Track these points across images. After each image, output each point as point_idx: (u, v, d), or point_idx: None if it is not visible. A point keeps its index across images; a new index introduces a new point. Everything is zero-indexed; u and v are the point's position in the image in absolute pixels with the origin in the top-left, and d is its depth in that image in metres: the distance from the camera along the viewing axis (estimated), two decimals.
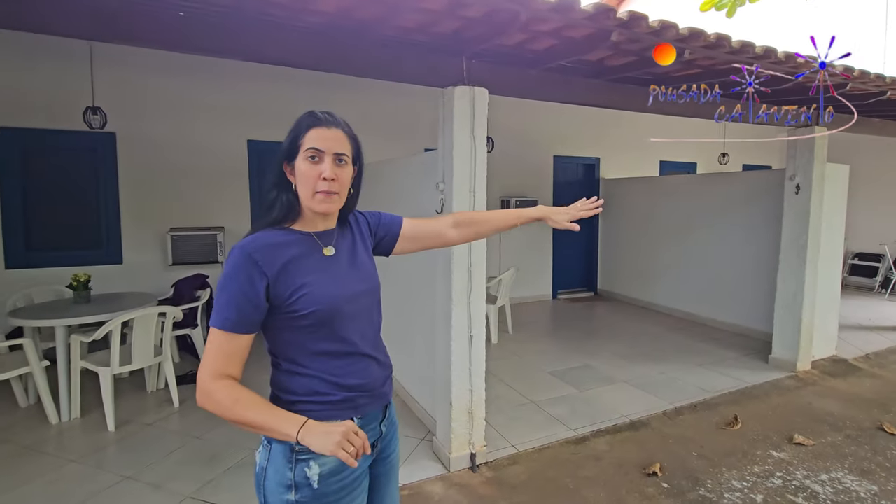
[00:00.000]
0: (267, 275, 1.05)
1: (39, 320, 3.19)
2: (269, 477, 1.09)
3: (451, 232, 1.44)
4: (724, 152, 7.44)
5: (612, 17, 2.02)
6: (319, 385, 1.12)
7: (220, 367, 1.03)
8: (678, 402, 3.57)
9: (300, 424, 0.98)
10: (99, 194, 4.70)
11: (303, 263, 1.10)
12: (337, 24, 2.19)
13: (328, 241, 1.18)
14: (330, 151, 1.10)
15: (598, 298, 7.21)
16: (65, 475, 2.64)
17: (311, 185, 1.10)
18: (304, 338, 1.11)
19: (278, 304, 1.07)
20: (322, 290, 1.11)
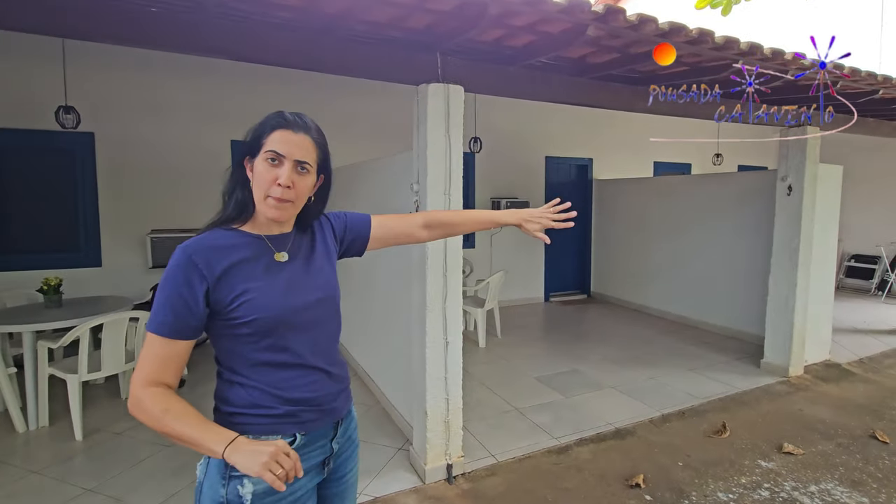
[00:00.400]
0: (207, 278, 0.99)
1: (3, 325, 3.08)
2: (205, 493, 1.04)
3: (422, 232, 1.41)
4: (717, 153, 7.36)
5: (587, 11, 1.92)
6: (261, 397, 1.05)
7: (153, 374, 0.97)
8: (666, 408, 3.48)
9: (228, 441, 0.92)
10: (77, 196, 4.59)
11: (248, 268, 1.04)
12: (304, 20, 2.09)
13: (282, 246, 1.11)
14: (291, 157, 1.04)
15: (591, 301, 7.12)
16: (24, 488, 2.54)
17: (265, 188, 1.04)
18: (245, 347, 1.04)
19: (218, 309, 1.01)
20: (267, 297, 1.04)
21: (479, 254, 6.43)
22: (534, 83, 2.73)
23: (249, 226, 1.09)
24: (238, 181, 1.09)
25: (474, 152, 6.03)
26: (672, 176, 7.21)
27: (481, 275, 5.92)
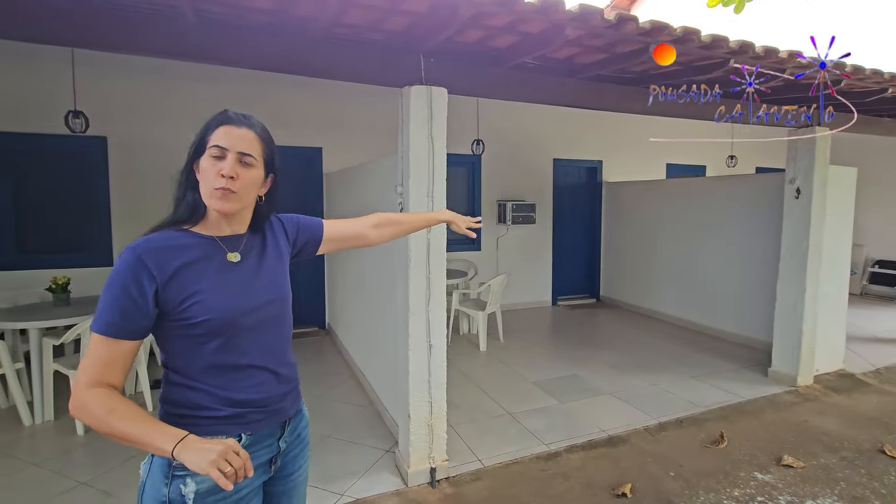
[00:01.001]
0: (157, 278, 0.99)
1: (11, 322, 3.21)
2: (147, 492, 1.04)
3: (371, 233, 1.47)
4: (731, 154, 7.15)
5: (562, 10, 1.89)
6: (205, 399, 1.06)
7: (97, 376, 0.96)
8: (663, 416, 3.38)
9: (178, 439, 0.90)
10: (90, 197, 4.75)
11: (199, 268, 1.05)
12: (280, 23, 2.12)
13: (234, 247, 1.12)
14: (234, 149, 1.06)
15: (600, 305, 7.00)
16: (22, 479, 2.63)
17: (211, 182, 1.05)
18: (194, 348, 1.04)
19: (168, 310, 1.01)
20: (218, 298, 1.04)
21: (484, 257, 6.40)
22: (522, 84, 2.70)
23: (201, 227, 1.10)
24: (189, 184, 1.10)
25: (477, 154, 6.00)
26: (683, 178, 7.03)
27: (486, 277, 5.88)
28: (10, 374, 3.22)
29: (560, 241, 6.90)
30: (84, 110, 4.17)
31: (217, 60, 2.24)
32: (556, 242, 6.87)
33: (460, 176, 6.26)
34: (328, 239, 1.37)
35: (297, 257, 1.32)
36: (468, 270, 5.69)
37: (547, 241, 6.84)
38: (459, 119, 5.51)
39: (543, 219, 6.72)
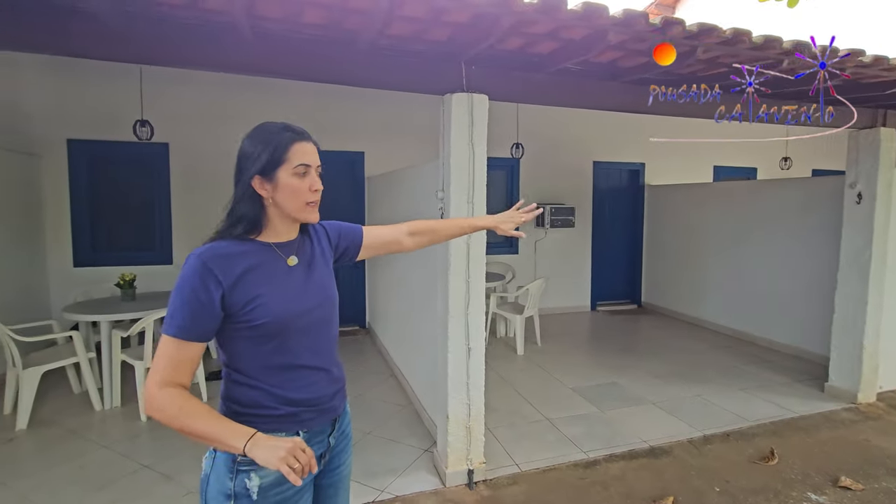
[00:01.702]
0: (223, 283, 1.04)
1: (85, 315, 3.51)
2: (211, 484, 1.10)
3: (407, 240, 1.50)
4: (785, 156, 6.78)
5: (605, 16, 1.89)
6: (264, 398, 1.12)
7: (168, 376, 1.01)
8: (709, 429, 3.27)
9: (248, 437, 0.96)
10: (154, 200, 5.11)
11: (259, 273, 1.10)
12: (329, 36, 2.22)
13: (289, 252, 1.18)
14: (314, 164, 1.15)
15: (642, 311, 6.81)
16: (94, 460, 2.87)
17: (304, 198, 1.13)
18: (254, 349, 1.10)
19: (232, 313, 1.06)
20: (277, 301, 1.10)
21: (522, 260, 6.37)
22: (563, 89, 2.70)
23: (256, 235, 1.15)
24: (248, 200, 1.12)
25: (517, 158, 5.99)
26: (732, 181, 6.74)
27: (524, 281, 5.86)
28: (83, 362, 3.52)
29: (600, 245, 6.77)
30: (150, 119, 4.50)
31: (271, 73, 2.38)
32: (595, 246, 6.75)
33: (499, 179, 6.27)
34: (367, 245, 1.41)
35: (337, 262, 1.38)
36: (506, 274, 5.69)
37: (586, 245, 6.73)
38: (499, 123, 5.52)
39: (583, 222, 6.62)
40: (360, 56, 2.36)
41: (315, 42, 2.30)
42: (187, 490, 2.58)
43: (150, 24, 2.07)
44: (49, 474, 2.70)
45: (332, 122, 5.47)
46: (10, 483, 2.60)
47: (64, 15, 1.96)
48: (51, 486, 2.58)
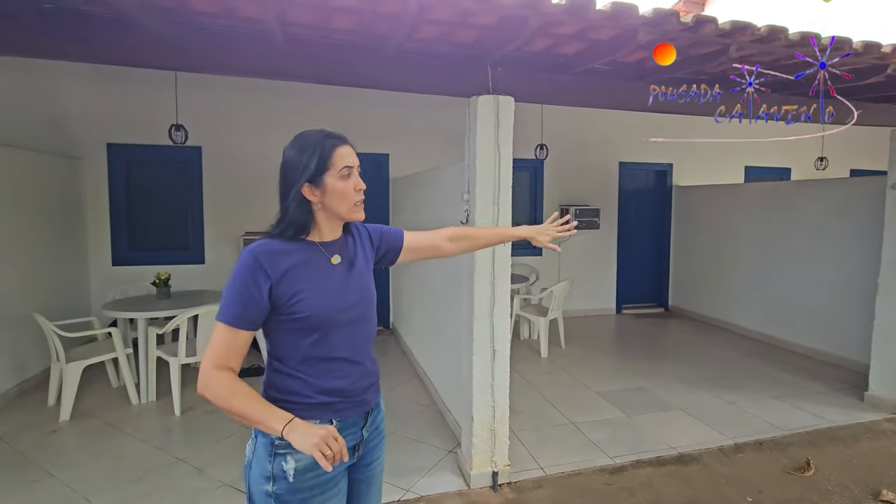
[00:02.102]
0: (271, 277, 1.12)
1: (123, 312, 3.65)
2: (253, 468, 1.18)
3: (447, 245, 1.53)
4: (821, 156, 6.53)
5: (635, 16, 1.87)
6: (301, 386, 1.18)
7: (220, 359, 1.10)
8: (740, 437, 3.18)
9: (287, 421, 1.03)
10: (187, 201, 5.28)
11: (304, 270, 1.17)
12: (358, 41, 2.26)
13: (333, 251, 1.25)
14: (356, 165, 1.22)
15: (669, 315, 6.66)
16: (131, 452, 2.99)
17: (352, 198, 1.20)
18: (295, 340, 1.17)
19: (278, 305, 1.13)
20: (319, 296, 1.17)
21: (546, 262, 6.32)
22: (590, 90, 2.68)
23: (311, 234, 1.22)
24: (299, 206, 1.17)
25: (541, 159, 5.95)
26: (764, 182, 6.53)
27: (548, 283, 5.81)
28: (121, 357, 3.66)
29: (626, 246, 6.66)
30: (184, 124, 4.65)
31: (301, 78, 2.44)
32: (621, 248, 6.64)
33: (523, 180, 6.24)
34: (407, 248, 1.45)
35: (378, 264, 1.42)
36: (529, 276, 5.65)
37: (611, 246, 6.63)
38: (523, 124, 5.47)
39: (608, 224, 6.53)
40: (387, 60, 2.39)
41: (344, 47, 2.35)
42: (219, 483, 2.66)
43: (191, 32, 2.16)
44: (90, 465, 2.82)
45: (358, 125, 5.54)
46: (54, 473, 2.73)
47: (120, 28, 2.06)
48: (91, 477, 2.70)
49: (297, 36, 2.24)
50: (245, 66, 2.34)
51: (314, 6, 1.94)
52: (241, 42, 2.27)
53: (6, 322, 3.68)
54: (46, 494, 2.53)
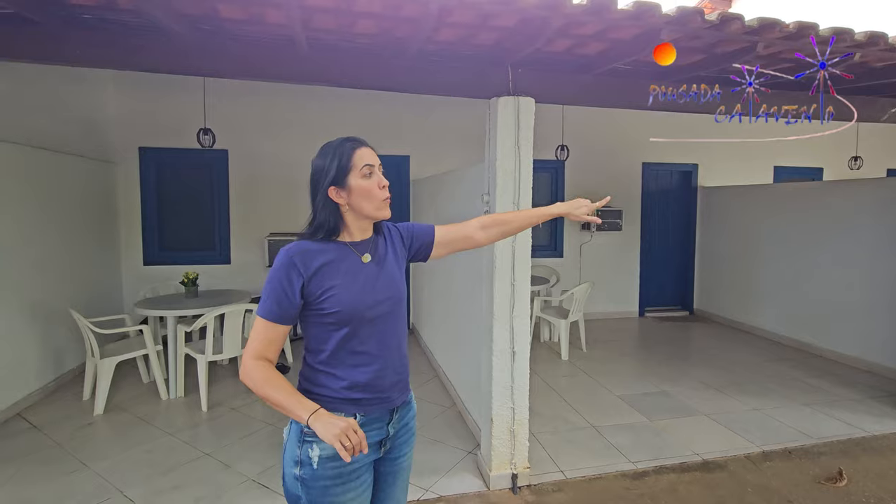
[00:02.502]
0: (303, 275, 1.19)
1: (153, 310, 3.78)
2: (286, 451, 1.25)
3: (479, 234, 1.51)
4: (855, 156, 6.30)
5: (657, 15, 1.84)
6: (329, 380, 1.24)
7: (259, 351, 1.19)
8: (769, 445, 3.09)
9: (312, 411, 1.11)
10: (214, 203, 5.43)
11: (335, 267, 1.23)
12: (380, 44, 2.30)
13: (364, 250, 1.29)
14: (377, 164, 1.26)
15: (693, 318, 6.51)
16: (160, 446, 3.09)
17: (377, 196, 1.25)
18: (325, 335, 1.23)
19: (310, 301, 1.21)
20: (348, 293, 1.22)
21: (567, 264, 6.27)
22: (611, 90, 2.65)
23: (342, 235, 1.29)
24: (327, 209, 1.25)
25: (562, 160, 5.91)
26: (794, 182, 6.33)
27: (569, 285, 5.76)
28: (152, 354, 3.79)
29: (648, 249, 6.55)
30: (212, 127, 4.79)
31: (324, 82, 2.48)
32: (644, 250, 6.53)
33: (544, 182, 6.20)
34: (439, 243, 1.46)
35: (412, 260, 1.46)
36: (550, 277, 5.61)
37: (634, 248, 6.53)
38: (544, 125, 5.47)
39: (631, 226, 6.43)
40: (408, 63, 2.42)
41: (366, 51, 2.38)
42: (244, 478, 2.72)
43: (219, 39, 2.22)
44: (122, 457, 2.93)
45: (379, 127, 5.61)
46: (89, 464, 2.85)
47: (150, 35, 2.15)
48: (123, 469, 2.80)
49: (321, 41, 2.29)
50: (270, 70, 2.40)
51: (338, 12, 1.98)
52: (267, 47, 2.33)
53: (46, 318, 3.85)
54: (82, 484, 2.64)
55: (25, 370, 3.66)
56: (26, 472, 2.75)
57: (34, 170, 3.81)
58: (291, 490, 1.23)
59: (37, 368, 3.78)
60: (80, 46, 2.15)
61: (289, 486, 1.23)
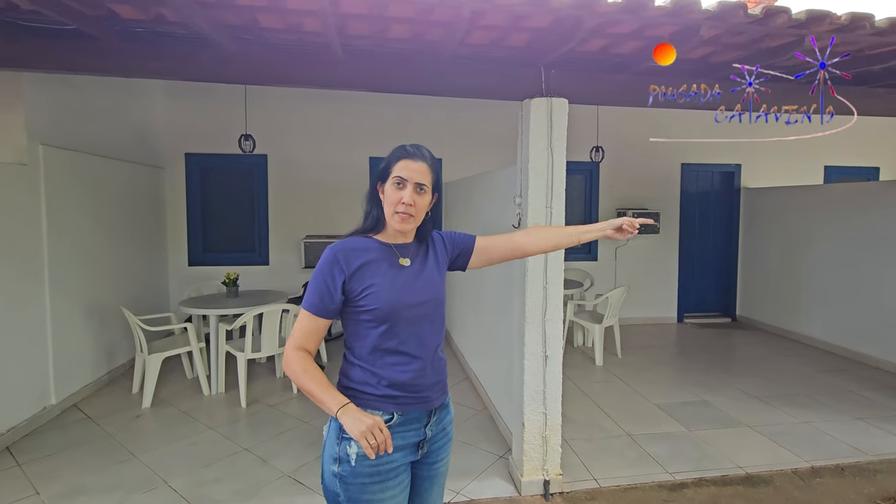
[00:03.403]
0: (345, 272, 1.25)
1: (197, 309, 3.95)
2: (326, 448, 1.29)
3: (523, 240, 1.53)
4: None
5: (697, 11, 1.79)
6: (367, 377, 1.28)
7: (300, 342, 1.26)
8: (818, 460, 2.92)
9: (342, 405, 1.17)
10: (254, 206, 5.63)
11: (376, 267, 1.28)
12: (413, 49, 2.33)
13: (405, 254, 1.34)
14: (412, 181, 1.28)
15: (736, 325, 6.24)
16: (202, 440, 3.22)
17: (393, 206, 1.29)
18: (364, 332, 1.28)
19: (350, 297, 1.26)
20: (386, 291, 1.26)
21: (601, 267, 6.13)
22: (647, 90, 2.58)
23: (381, 235, 1.35)
24: (373, 202, 1.35)
25: (596, 161, 5.79)
26: (847, 183, 5.96)
27: (603, 289, 5.64)
28: (195, 351, 3.96)
29: (688, 252, 6.32)
30: (252, 133, 4.97)
31: (359, 87, 2.54)
32: (683, 254, 6.31)
33: (578, 184, 6.10)
34: (478, 252, 1.48)
35: (452, 267, 1.49)
36: (584, 281, 5.51)
37: (672, 252, 6.32)
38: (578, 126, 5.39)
39: (669, 228, 6.23)
40: (440, 66, 2.44)
41: (399, 55, 2.42)
42: (280, 474, 2.80)
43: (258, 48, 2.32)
44: (167, 450, 3.07)
45: (412, 130, 5.67)
46: (137, 454, 3.00)
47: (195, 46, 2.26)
48: (168, 460, 2.94)
49: (356, 47, 2.35)
50: (307, 77, 2.48)
51: (371, 18, 2.02)
52: (304, 55, 2.41)
53: (100, 314, 4.09)
54: (131, 473, 2.79)
55: (82, 363, 3.90)
56: (80, 461, 2.92)
57: (92, 175, 4.06)
58: (330, 487, 1.26)
59: (92, 362, 4.02)
60: (134, 58, 2.29)
61: (327, 482, 1.26)
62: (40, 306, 3.44)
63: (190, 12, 1.86)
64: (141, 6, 1.96)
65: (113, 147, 4.43)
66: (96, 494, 2.59)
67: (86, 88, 4.09)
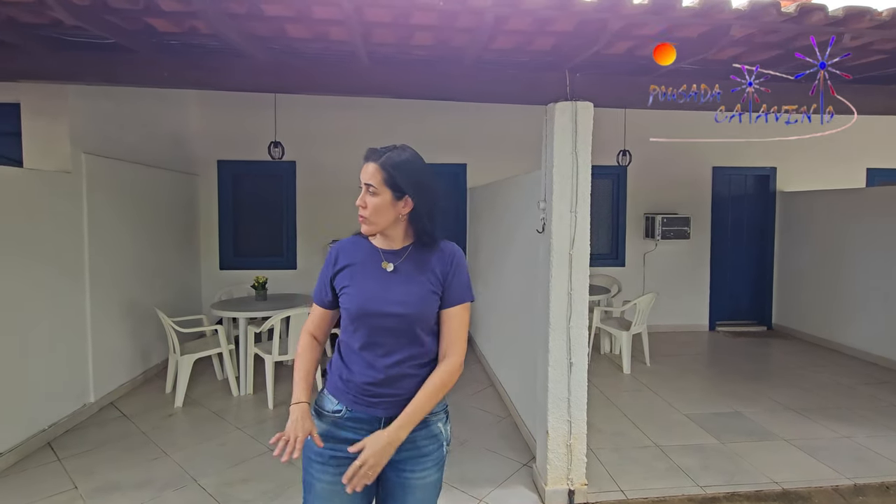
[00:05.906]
0: (333, 269, 1.37)
1: (227, 312, 4.06)
2: None
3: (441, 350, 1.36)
4: None
5: (727, 10, 1.74)
6: (338, 364, 1.38)
7: (310, 326, 1.42)
8: (861, 478, 2.77)
9: (296, 401, 1.27)
10: (283, 212, 5.77)
11: (356, 269, 1.34)
12: (437, 55, 2.35)
13: (391, 259, 1.34)
14: (363, 182, 1.31)
15: (772, 334, 6.00)
16: (231, 440, 3.29)
17: None
18: (344, 324, 1.37)
19: (337, 292, 1.37)
20: (360, 293, 1.31)
21: (629, 273, 6.01)
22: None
23: (375, 238, 1.37)
24: None
25: (623, 165, 5.69)
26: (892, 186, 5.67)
27: (631, 296, 5.51)
28: (225, 353, 4.06)
29: (720, 258, 6.13)
30: (281, 140, 5.10)
31: (385, 93, 2.58)
32: (714, 260, 6.12)
33: (604, 188, 6.01)
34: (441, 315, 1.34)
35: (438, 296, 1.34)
36: (611, 287, 5.41)
37: (703, 258, 6.14)
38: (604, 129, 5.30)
39: (700, 233, 6.05)
40: (464, 71, 2.45)
41: (424, 62, 2.45)
42: None
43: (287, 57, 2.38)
44: (197, 448, 3.16)
45: (437, 136, 5.70)
46: (169, 452, 3.09)
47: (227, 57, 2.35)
48: (199, 459, 3.01)
49: (381, 54, 2.38)
50: (334, 85, 2.52)
51: (396, 26, 2.05)
52: (331, 63, 2.46)
53: (136, 316, 4.25)
54: (163, 471, 2.87)
55: (120, 363, 4.05)
56: (115, 457, 3.03)
57: (130, 182, 4.24)
58: None
59: (128, 362, 4.17)
60: (169, 69, 2.38)
61: None
62: (81, 307, 3.60)
63: (221, 24, 1.93)
64: (176, 20, 2.05)
65: (149, 155, 4.61)
66: (130, 490, 2.68)
67: (123, 99, 4.28)
